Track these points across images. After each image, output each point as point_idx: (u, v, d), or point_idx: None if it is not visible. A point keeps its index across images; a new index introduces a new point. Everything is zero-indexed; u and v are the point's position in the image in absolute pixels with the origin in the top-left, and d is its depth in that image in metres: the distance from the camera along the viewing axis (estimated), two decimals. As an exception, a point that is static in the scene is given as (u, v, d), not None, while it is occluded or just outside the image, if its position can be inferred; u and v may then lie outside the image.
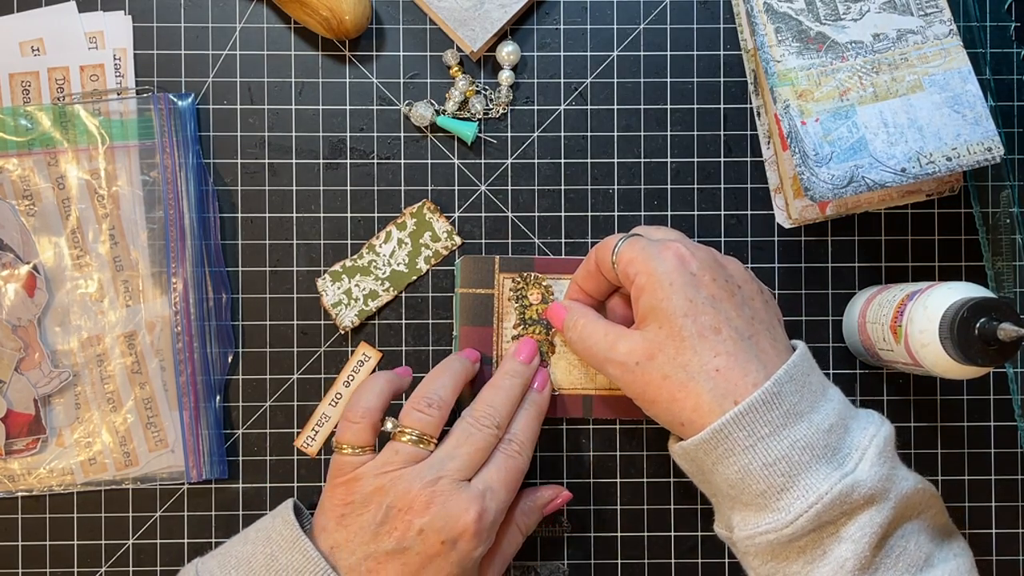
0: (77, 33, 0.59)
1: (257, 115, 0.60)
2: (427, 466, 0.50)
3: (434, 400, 0.52)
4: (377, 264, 0.59)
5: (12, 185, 0.59)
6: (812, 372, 0.49)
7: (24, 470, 0.59)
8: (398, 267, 0.59)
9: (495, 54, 0.60)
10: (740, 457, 0.46)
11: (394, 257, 0.59)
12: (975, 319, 0.47)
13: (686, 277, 0.48)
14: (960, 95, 0.54)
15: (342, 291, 0.59)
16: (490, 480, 0.51)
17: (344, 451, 0.52)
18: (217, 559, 0.50)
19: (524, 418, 0.55)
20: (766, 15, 0.56)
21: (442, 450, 0.51)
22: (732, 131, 0.61)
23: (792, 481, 0.45)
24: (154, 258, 0.59)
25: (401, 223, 0.59)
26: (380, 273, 0.59)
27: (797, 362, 0.48)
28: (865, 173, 0.53)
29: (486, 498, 0.50)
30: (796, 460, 0.45)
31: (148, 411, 0.59)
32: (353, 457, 0.51)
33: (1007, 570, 0.60)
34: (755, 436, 0.46)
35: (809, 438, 0.46)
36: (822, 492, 0.45)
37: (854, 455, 0.46)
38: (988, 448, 0.61)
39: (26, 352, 0.59)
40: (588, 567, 0.60)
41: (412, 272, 0.59)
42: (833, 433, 0.46)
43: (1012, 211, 0.60)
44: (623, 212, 0.60)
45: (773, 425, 0.46)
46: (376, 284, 0.59)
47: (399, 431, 0.52)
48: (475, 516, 0.49)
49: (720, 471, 0.47)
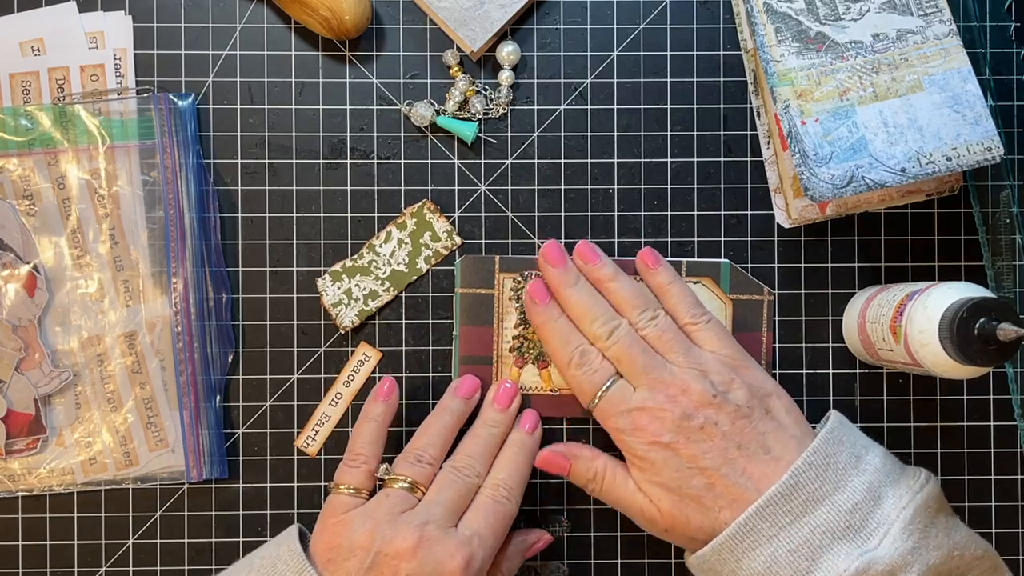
0: (77, 33, 0.59)
1: (257, 115, 0.60)
2: (414, 513, 0.51)
3: (424, 456, 0.54)
4: (377, 264, 0.59)
5: (12, 185, 0.59)
6: (840, 448, 0.50)
7: (24, 470, 0.59)
8: (398, 267, 0.59)
9: (495, 54, 0.60)
10: (766, 547, 0.48)
11: (394, 257, 0.59)
12: (975, 319, 0.47)
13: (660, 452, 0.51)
14: (960, 95, 0.54)
15: (342, 291, 0.59)
16: (478, 526, 0.52)
17: (341, 491, 0.53)
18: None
19: (512, 463, 0.55)
20: (766, 15, 0.56)
21: (428, 496, 0.52)
22: (732, 131, 0.61)
23: (814, 565, 0.47)
24: (154, 258, 0.59)
25: (401, 223, 0.59)
26: (380, 273, 0.59)
27: (819, 446, 0.50)
28: (865, 173, 0.53)
29: (473, 544, 0.51)
30: (817, 544, 0.47)
31: (148, 411, 0.59)
32: (349, 497, 0.53)
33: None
34: (777, 526, 0.48)
35: (830, 521, 0.48)
36: (840, 571, 0.46)
37: (880, 530, 0.48)
38: (988, 448, 0.61)
39: (26, 352, 0.59)
40: (588, 567, 0.60)
41: (412, 272, 0.59)
42: (858, 511, 0.48)
43: (1012, 211, 0.60)
44: (623, 212, 0.60)
45: (793, 514, 0.48)
46: (376, 284, 0.59)
47: (391, 478, 0.53)
48: (462, 562, 0.50)
49: (745, 566, 0.49)
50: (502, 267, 0.59)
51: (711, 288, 0.59)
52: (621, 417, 0.52)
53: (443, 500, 0.52)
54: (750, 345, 0.58)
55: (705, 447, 0.51)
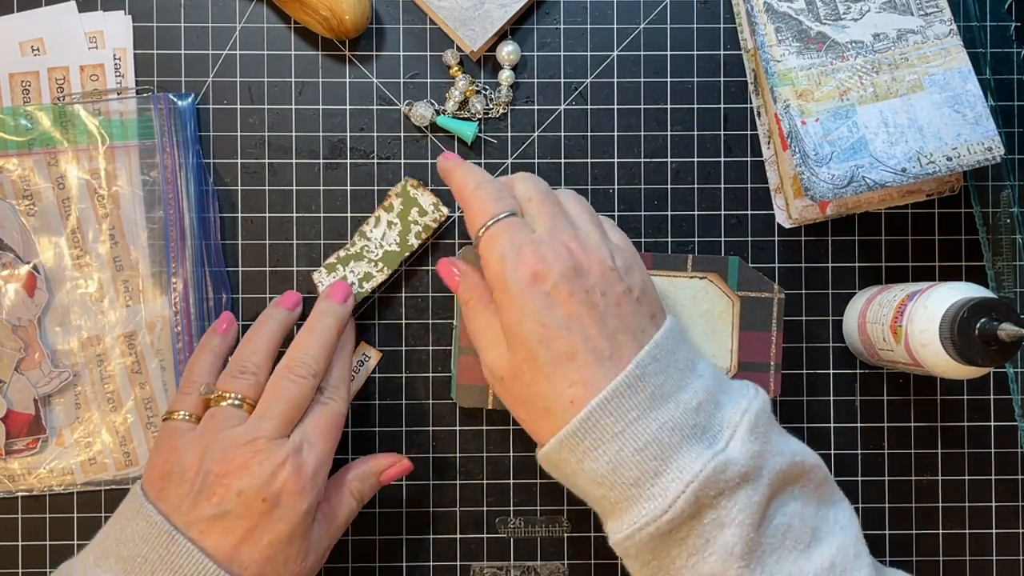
0: (77, 33, 0.59)
1: (257, 115, 0.60)
2: (243, 429, 0.49)
3: (248, 366, 0.51)
4: (369, 248, 0.59)
5: (12, 185, 0.59)
6: (678, 348, 0.47)
7: (24, 470, 0.59)
8: (390, 247, 0.59)
9: (495, 54, 0.60)
10: (610, 445, 0.44)
11: (385, 239, 0.59)
12: (975, 319, 0.47)
13: (539, 298, 0.45)
14: (960, 95, 0.54)
15: (338, 279, 0.59)
16: (306, 431, 0.50)
17: (175, 417, 0.51)
18: (85, 549, 0.50)
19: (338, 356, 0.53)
20: (766, 15, 0.56)
21: (258, 410, 0.50)
22: (732, 131, 0.61)
23: (664, 464, 0.43)
24: (154, 258, 0.59)
25: (388, 205, 0.59)
26: (373, 256, 0.59)
27: (660, 341, 0.46)
28: (865, 173, 0.53)
29: (303, 451, 0.49)
30: (666, 442, 0.43)
31: (148, 411, 0.59)
32: (180, 422, 0.51)
33: (1007, 570, 0.60)
34: (624, 421, 0.44)
35: (677, 418, 0.44)
36: (696, 471, 0.43)
37: (725, 432, 0.45)
38: (988, 448, 0.61)
39: (26, 352, 0.59)
40: (588, 567, 0.60)
41: (404, 249, 0.59)
42: (702, 411, 0.45)
43: (1012, 211, 0.60)
44: (623, 212, 0.60)
45: (641, 408, 0.44)
46: (370, 266, 0.59)
47: (217, 396, 0.51)
48: (292, 470, 0.48)
49: (588, 468, 0.45)
50: None
51: (717, 284, 0.57)
52: (509, 245, 0.46)
53: (274, 414, 0.50)
54: (758, 345, 0.57)
55: (583, 311, 0.45)
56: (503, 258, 0.46)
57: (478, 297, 0.50)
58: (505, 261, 0.46)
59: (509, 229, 0.47)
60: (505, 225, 0.47)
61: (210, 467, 0.48)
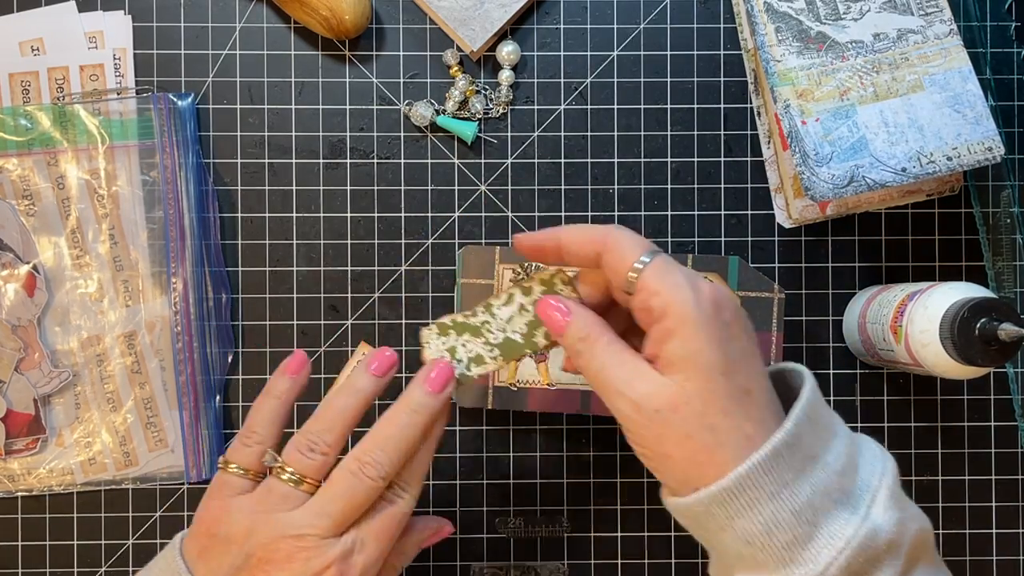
0: (77, 33, 0.59)
1: (257, 115, 0.60)
2: (295, 518, 0.46)
3: (318, 446, 0.47)
4: (490, 327, 0.50)
5: (12, 185, 0.59)
6: (821, 405, 0.45)
7: (24, 470, 0.59)
8: (513, 335, 0.50)
9: (495, 54, 0.60)
10: (766, 506, 0.42)
11: (511, 323, 0.50)
12: (975, 319, 0.47)
13: (722, 329, 0.43)
14: (960, 95, 0.54)
15: (446, 347, 0.50)
16: (362, 532, 0.46)
17: (230, 470, 0.48)
18: None
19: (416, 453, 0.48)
20: (766, 15, 0.56)
21: (316, 502, 0.47)
22: (732, 131, 0.61)
23: (816, 529, 0.42)
24: (154, 258, 0.59)
25: (527, 287, 0.50)
26: (492, 338, 0.50)
27: (811, 398, 0.44)
28: (865, 173, 0.53)
29: (353, 554, 0.46)
30: (818, 506, 0.42)
31: (148, 411, 0.59)
32: (236, 478, 0.48)
33: (1007, 570, 0.60)
34: (780, 482, 0.42)
35: (826, 481, 0.43)
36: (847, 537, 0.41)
37: (866, 497, 0.43)
38: (988, 448, 0.61)
39: (26, 352, 0.59)
40: (588, 567, 0.60)
41: (528, 345, 0.50)
42: (846, 475, 0.44)
43: (1012, 211, 0.60)
44: (623, 212, 0.60)
45: (795, 469, 0.42)
46: (485, 349, 0.50)
47: (279, 467, 0.47)
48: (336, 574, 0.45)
49: (740, 527, 0.42)
50: (502, 258, 0.59)
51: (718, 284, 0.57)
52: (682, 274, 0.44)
53: (332, 513, 0.46)
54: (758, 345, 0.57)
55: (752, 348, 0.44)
56: (681, 287, 0.43)
57: (599, 334, 0.46)
58: (685, 290, 0.43)
59: (674, 262, 0.45)
60: (667, 258, 0.45)
61: (254, 549, 0.46)
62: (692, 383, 0.43)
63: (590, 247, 0.46)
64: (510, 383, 0.58)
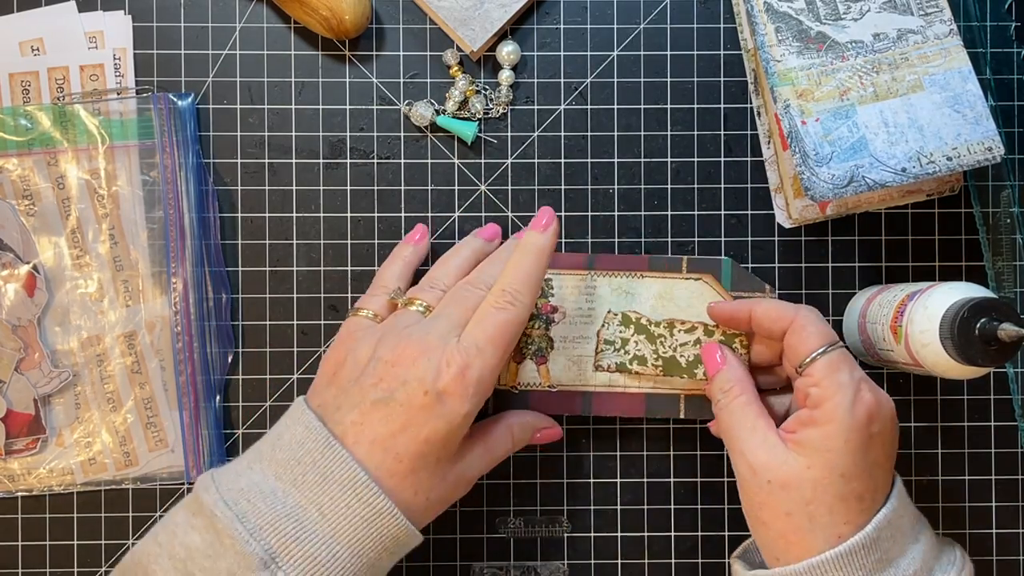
0: (77, 33, 0.59)
1: (257, 115, 0.60)
2: (418, 326, 0.50)
3: (438, 284, 0.53)
4: (665, 342, 0.57)
5: (12, 185, 0.59)
6: (906, 512, 0.49)
7: (24, 470, 0.59)
8: (680, 358, 0.57)
9: (495, 54, 0.60)
10: None
11: (684, 348, 0.57)
12: (975, 319, 0.47)
13: (865, 439, 0.47)
14: (960, 95, 0.54)
15: (621, 336, 0.58)
16: (475, 336, 0.49)
17: (360, 314, 0.53)
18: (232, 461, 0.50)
19: (517, 262, 0.51)
20: (766, 14, 0.56)
21: (434, 312, 0.51)
22: (732, 131, 0.61)
23: None
24: (154, 258, 0.59)
25: (711, 330, 0.57)
26: (662, 351, 0.57)
27: (896, 505, 0.48)
28: (865, 173, 0.53)
29: (471, 354, 0.48)
30: None
31: (148, 411, 0.59)
32: (363, 319, 0.53)
33: (1007, 570, 0.60)
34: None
35: None
36: None
37: None
38: (988, 448, 0.61)
39: (26, 352, 0.59)
40: (588, 567, 0.60)
41: (687, 371, 0.57)
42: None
43: (1012, 211, 0.60)
44: (623, 212, 0.60)
45: (867, 569, 0.46)
46: (652, 356, 0.57)
47: (406, 301, 0.53)
48: (457, 370, 0.48)
49: None
50: None
51: (712, 285, 0.58)
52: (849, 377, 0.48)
53: (449, 313, 0.50)
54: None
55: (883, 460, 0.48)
56: (843, 388, 0.48)
57: (742, 391, 0.51)
58: (846, 392, 0.47)
59: (848, 361, 0.49)
60: (844, 355, 0.49)
61: (381, 354, 0.49)
62: (811, 472, 0.47)
63: (778, 324, 0.51)
64: (511, 386, 0.58)
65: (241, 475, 0.48)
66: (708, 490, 0.60)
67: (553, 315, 0.58)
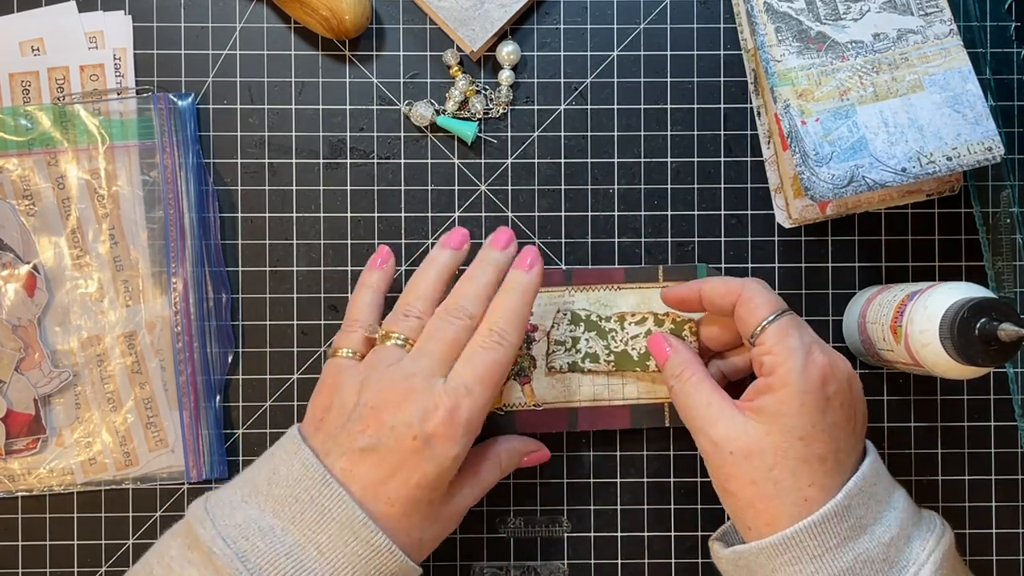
0: (77, 33, 0.59)
1: (257, 115, 0.60)
2: (401, 366, 0.49)
3: (412, 311, 0.51)
4: (616, 336, 0.57)
5: (12, 185, 0.59)
6: (879, 480, 0.49)
7: (24, 470, 0.59)
8: (631, 351, 0.57)
9: (495, 54, 0.60)
10: (807, 566, 0.46)
11: (635, 340, 0.57)
12: (975, 319, 0.47)
13: (820, 400, 0.48)
14: (960, 95, 0.54)
15: (571, 334, 0.58)
16: (464, 376, 0.49)
17: (339, 355, 0.52)
18: (226, 486, 0.50)
19: (504, 301, 0.51)
20: (766, 15, 0.56)
21: (416, 348, 0.50)
22: (732, 131, 0.61)
23: None
24: (154, 258, 0.59)
25: (661, 319, 0.57)
26: (613, 346, 0.57)
27: (867, 472, 0.48)
28: (865, 173, 0.53)
29: (459, 394, 0.48)
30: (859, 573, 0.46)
31: (148, 411, 0.59)
32: (345, 360, 0.51)
33: (1007, 570, 0.60)
34: (824, 547, 0.46)
35: (871, 552, 0.46)
36: None
37: (910, 569, 0.46)
38: (988, 448, 0.61)
39: (26, 352, 0.59)
40: (588, 567, 0.60)
41: (640, 364, 0.57)
42: (893, 546, 0.47)
43: (1012, 211, 0.60)
44: (623, 212, 0.60)
45: (841, 536, 0.46)
46: (603, 352, 0.57)
47: (383, 335, 0.51)
48: (446, 413, 0.47)
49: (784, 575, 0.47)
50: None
51: None
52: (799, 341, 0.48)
53: (431, 350, 0.49)
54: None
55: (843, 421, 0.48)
56: (794, 352, 0.48)
57: (692, 372, 0.51)
58: (796, 356, 0.48)
59: (797, 325, 0.49)
60: (792, 320, 0.49)
61: (366, 399, 0.48)
62: (770, 438, 0.47)
63: (727, 299, 0.51)
64: (497, 408, 0.58)
65: (237, 509, 0.48)
66: (708, 490, 0.60)
67: (533, 334, 0.58)
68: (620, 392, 0.58)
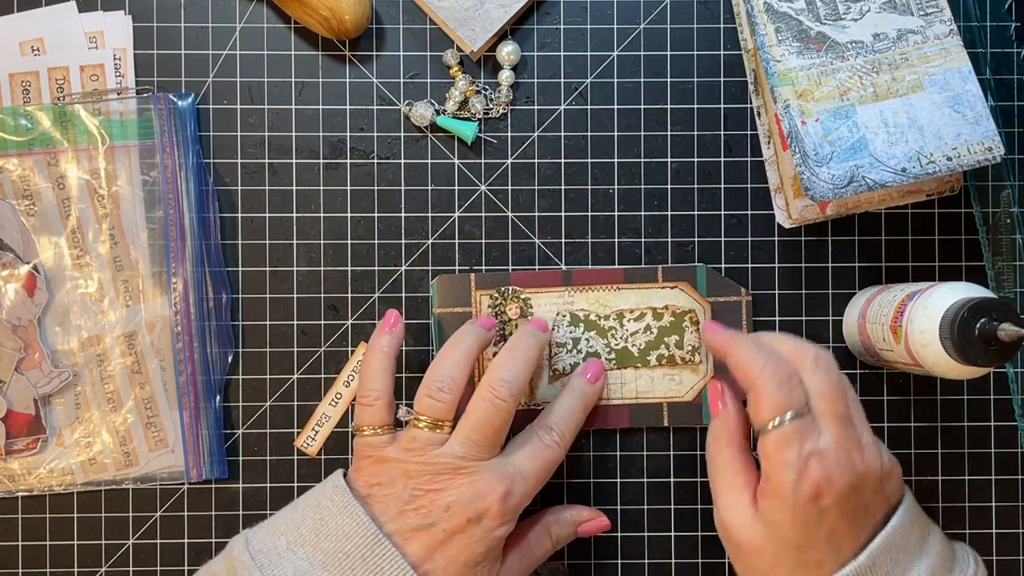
0: (77, 33, 0.59)
1: (257, 115, 0.60)
2: (448, 450, 0.51)
3: (444, 384, 0.52)
4: (616, 333, 0.58)
5: (12, 185, 0.59)
6: (911, 531, 0.49)
7: (24, 470, 0.59)
8: (632, 348, 0.58)
9: (495, 54, 0.60)
10: None
11: (635, 337, 0.58)
12: (975, 319, 0.47)
13: (813, 515, 0.47)
14: (960, 95, 0.54)
15: (571, 336, 0.59)
16: (521, 465, 0.51)
17: (365, 433, 0.52)
18: (266, 528, 0.51)
19: (567, 408, 0.55)
20: (766, 15, 0.56)
21: (458, 433, 0.51)
22: (732, 131, 0.61)
23: None
24: (154, 258, 0.59)
25: (659, 313, 0.58)
26: (613, 344, 0.58)
27: (896, 526, 0.48)
28: (865, 173, 0.53)
29: (515, 481, 0.50)
30: None
31: (148, 411, 0.59)
32: (374, 437, 0.52)
33: (1007, 570, 0.60)
34: None
35: None
36: None
37: None
38: (988, 448, 0.61)
39: (26, 352, 0.59)
40: (588, 567, 0.60)
41: (640, 360, 0.58)
42: None
43: (1012, 211, 0.60)
44: (623, 212, 0.60)
45: None
46: (604, 350, 0.58)
47: (414, 418, 0.52)
48: (500, 496, 0.49)
49: None
50: (478, 284, 0.59)
51: (688, 292, 0.59)
52: (797, 455, 0.47)
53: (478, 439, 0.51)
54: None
55: (844, 527, 0.48)
56: (788, 467, 0.47)
57: (728, 444, 0.52)
58: (790, 471, 0.47)
59: (799, 436, 0.48)
60: (794, 430, 0.48)
61: (418, 484, 0.50)
62: (769, 544, 0.48)
63: (745, 383, 0.50)
64: None
65: (285, 559, 0.49)
66: (708, 490, 0.60)
67: None
68: (619, 392, 0.58)
